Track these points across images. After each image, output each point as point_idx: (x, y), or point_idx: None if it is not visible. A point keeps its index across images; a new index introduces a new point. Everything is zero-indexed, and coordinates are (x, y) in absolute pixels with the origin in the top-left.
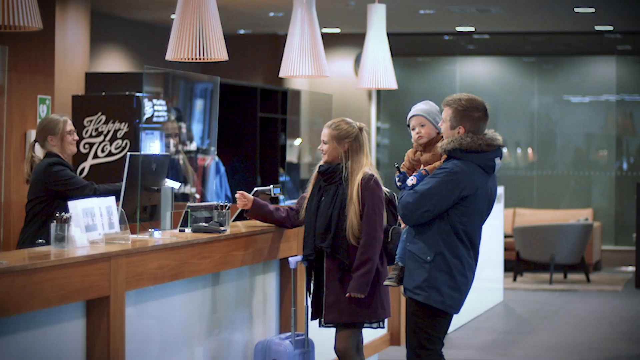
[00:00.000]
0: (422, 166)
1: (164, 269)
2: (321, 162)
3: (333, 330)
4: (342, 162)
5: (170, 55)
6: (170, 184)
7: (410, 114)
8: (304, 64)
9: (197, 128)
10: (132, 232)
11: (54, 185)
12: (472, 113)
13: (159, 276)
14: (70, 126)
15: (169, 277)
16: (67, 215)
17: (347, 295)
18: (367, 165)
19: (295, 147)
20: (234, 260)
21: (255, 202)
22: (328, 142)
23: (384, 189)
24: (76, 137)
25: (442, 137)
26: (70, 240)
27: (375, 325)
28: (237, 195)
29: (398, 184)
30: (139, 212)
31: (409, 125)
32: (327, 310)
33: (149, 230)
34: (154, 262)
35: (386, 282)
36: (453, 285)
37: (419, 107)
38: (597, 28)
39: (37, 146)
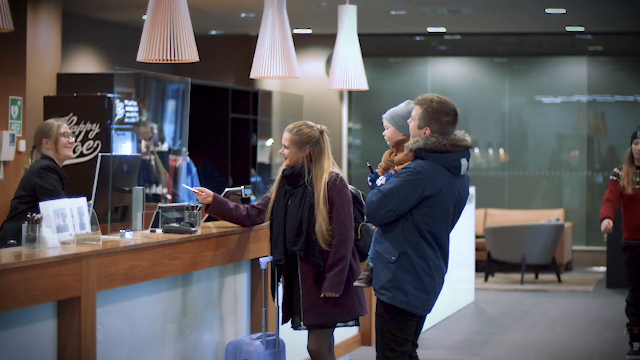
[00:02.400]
0: (394, 166)
1: (134, 270)
2: (283, 166)
3: (304, 330)
4: (305, 165)
5: (141, 57)
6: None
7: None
8: (275, 65)
9: (168, 129)
10: (103, 233)
11: (38, 190)
12: (440, 117)
13: (130, 277)
14: (65, 129)
15: (140, 277)
16: (38, 216)
17: (321, 295)
18: (330, 167)
19: (266, 148)
20: (205, 260)
21: (215, 198)
22: (289, 146)
23: (350, 186)
24: (72, 141)
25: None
26: (41, 241)
27: (351, 323)
28: (195, 189)
29: (370, 183)
30: (110, 213)
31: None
32: (306, 313)
33: (120, 230)
34: (125, 263)
35: (356, 283)
36: (419, 286)
37: (390, 109)
38: (568, 29)
39: (35, 153)
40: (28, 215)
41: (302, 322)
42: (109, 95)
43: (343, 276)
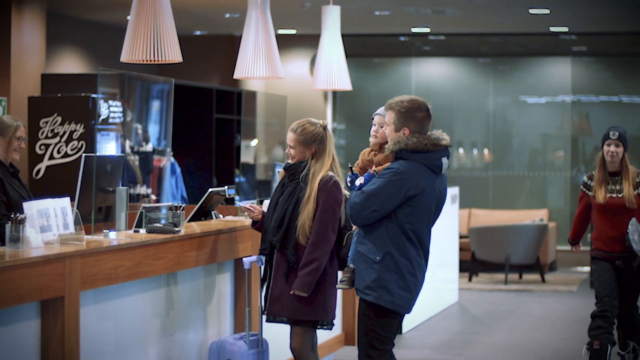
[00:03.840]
0: (373, 166)
1: (118, 270)
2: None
3: (287, 330)
4: (307, 161)
5: (125, 57)
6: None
7: (377, 111)
8: (259, 66)
9: (153, 129)
10: (87, 233)
11: None
12: (414, 113)
13: (114, 276)
14: (21, 133)
15: (123, 277)
16: (22, 216)
17: (291, 292)
18: (329, 165)
19: (251, 148)
20: (189, 260)
21: (264, 215)
22: (295, 147)
23: (345, 192)
24: (23, 146)
25: None
26: (25, 241)
27: (318, 326)
28: (247, 206)
29: (349, 184)
30: (94, 213)
31: (372, 118)
32: (271, 304)
33: (104, 231)
34: (108, 263)
35: (338, 286)
36: (403, 285)
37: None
38: (552, 29)
39: None
40: (12, 216)
41: (264, 312)
42: (93, 95)
43: (314, 277)
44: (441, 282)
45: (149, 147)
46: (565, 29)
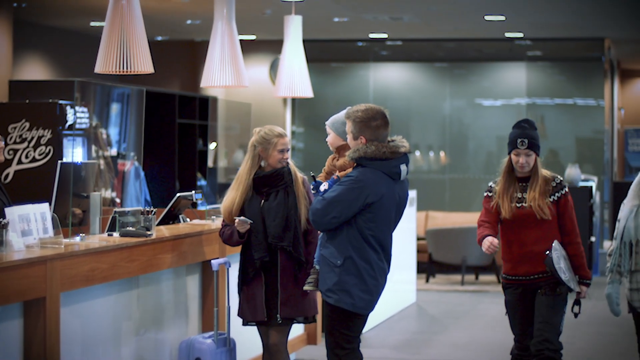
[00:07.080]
0: (337, 171)
1: (95, 272)
2: (278, 167)
3: (253, 329)
4: (285, 166)
5: (98, 69)
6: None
7: (326, 121)
8: (225, 75)
9: (113, 132)
10: (64, 237)
11: None
12: (369, 123)
13: (91, 278)
14: None
15: (100, 279)
16: (4, 221)
17: (304, 288)
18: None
19: (210, 152)
20: (160, 262)
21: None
22: (289, 148)
23: None
24: (2, 146)
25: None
26: (7, 244)
27: (311, 320)
28: (241, 219)
29: (313, 191)
30: (70, 218)
31: None
32: (283, 306)
33: (81, 234)
34: (86, 265)
35: (306, 287)
36: (364, 288)
37: (332, 116)
38: (508, 35)
39: None
40: None
41: (278, 316)
42: (61, 101)
43: None
44: (399, 283)
45: (113, 152)
46: (521, 35)
